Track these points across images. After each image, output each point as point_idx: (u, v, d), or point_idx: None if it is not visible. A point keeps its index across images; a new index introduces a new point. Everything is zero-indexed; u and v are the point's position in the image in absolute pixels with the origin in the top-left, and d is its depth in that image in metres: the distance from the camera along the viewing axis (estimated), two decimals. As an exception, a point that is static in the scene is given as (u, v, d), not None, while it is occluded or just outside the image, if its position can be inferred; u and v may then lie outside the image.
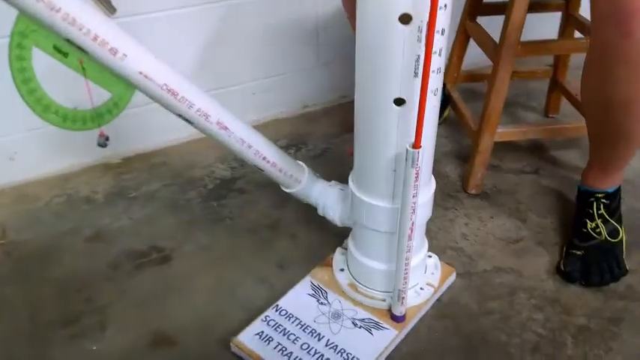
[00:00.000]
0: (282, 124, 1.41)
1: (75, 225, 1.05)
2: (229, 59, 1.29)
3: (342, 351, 0.78)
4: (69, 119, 0.57)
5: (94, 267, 0.96)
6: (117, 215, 1.08)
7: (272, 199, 1.12)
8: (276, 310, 0.85)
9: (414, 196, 0.69)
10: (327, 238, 1.02)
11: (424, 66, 0.60)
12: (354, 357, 0.78)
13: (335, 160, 1.25)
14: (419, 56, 0.63)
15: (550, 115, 1.37)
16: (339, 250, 0.95)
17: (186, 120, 0.70)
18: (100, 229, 1.05)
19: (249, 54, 1.31)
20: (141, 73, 0.61)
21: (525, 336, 0.83)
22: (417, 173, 0.67)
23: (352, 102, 0.73)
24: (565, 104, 1.35)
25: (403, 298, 0.80)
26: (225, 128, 0.74)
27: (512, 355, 0.80)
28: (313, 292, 0.88)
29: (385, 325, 0.82)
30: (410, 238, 0.73)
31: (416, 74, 0.65)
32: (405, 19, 0.61)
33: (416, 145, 0.66)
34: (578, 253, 0.93)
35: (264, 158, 0.81)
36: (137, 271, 0.95)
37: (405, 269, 0.77)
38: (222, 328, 0.84)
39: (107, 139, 0.63)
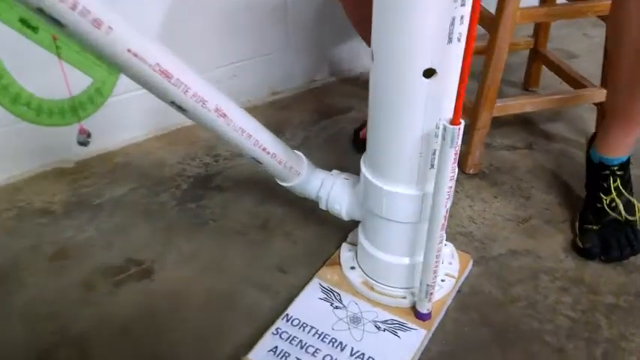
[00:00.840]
0: (252, 113, 1.26)
1: (34, 242, 0.90)
2: (189, 44, 1.16)
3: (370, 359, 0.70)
4: (44, 112, 0.45)
5: (65, 289, 0.82)
6: (81, 227, 0.94)
7: (256, 196, 1.01)
8: (287, 320, 0.75)
9: (450, 180, 0.61)
10: (326, 233, 0.92)
11: (470, 27, 0.52)
12: (384, 365, 0.69)
13: (318, 148, 1.15)
14: (454, 19, 0.55)
15: (530, 89, 1.33)
16: (345, 246, 0.86)
17: (179, 108, 0.59)
18: (65, 244, 0.90)
19: (211, 38, 1.19)
20: (130, 51, 0.49)
21: (558, 321, 0.78)
22: (457, 154, 0.59)
23: (322, 86, 0.65)
24: (544, 77, 1.32)
25: (431, 293, 0.72)
26: (224, 116, 0.63)
27: (549, 343, 0.75)
28: (325, 296, 0.79)
29: (411, 325, 0.74)
30: (443, 227, 0.65)
31: (450, 40, 0.56)
32: (440, -26, 0.53)
33: (455, 121, 0.57)
34: (594, 227, 0.88)
35: (264, 149, 0.71)
36: (117, 289, 0.82)
37: (436, 262, 0.69)
38: (228, 347, 0.73)
39: (89, 135, 0.51)
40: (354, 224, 0.84)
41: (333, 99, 1.33)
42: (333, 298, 0.78)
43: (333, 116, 1.26)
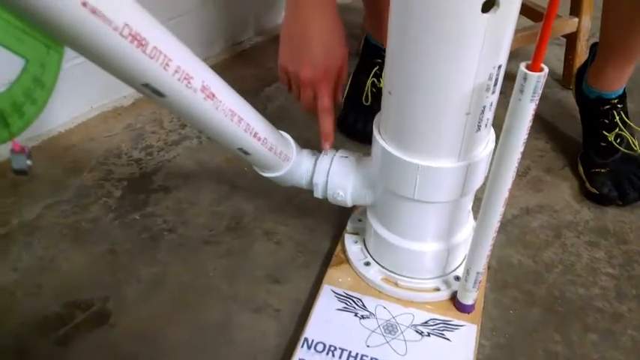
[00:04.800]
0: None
1: None
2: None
3: (427, 376, 0.56)
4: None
5: (-11, 365, 0.59)
6: (-10, 270, 0.70)
7: (215, 191, 0.82)
8: (309, 347, 0.59)
9: (523, 144, 0.48)
10: (314, 224, 0.76)
11: None
12: (445, 380, 0.56)
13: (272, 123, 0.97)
14: None
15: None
16: (349, 238, 0.70)
17: (154, 92, 0.39)
18: (-28, 299, 0.66)
19: None
20: (85, 4, 0.29)
21: (601, 282, 0.69)
22: (535, 109, 0.46)
23: (251, 49, 0.50)
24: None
25: (481, 282, 0.59)
26: (212, 96, 0.44)
27: (602, 309, 0.66)
28: (344, 305, 0.63)
29: (458, 322, 0.61)
30: (505, 203, 0.52)
31: (519, -45, 0.42)
32: None
33: (536, 65, 0.43)
34: (603, 170, 0.80)
35: (255, 134, 0.53)
36: (64, 348, 0.61)
37: (492, 245, 0.56)
38: (243, 398, 0.56)
39: (30, 155, 0.30)
40: (345, 209, 0.69)
41: (268, 62, 1.14)
42: (355, 305, 0.63)
43: (274, 82, 1.08)
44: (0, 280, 0.68)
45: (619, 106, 0.82)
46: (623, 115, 0.81)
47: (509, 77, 0.50)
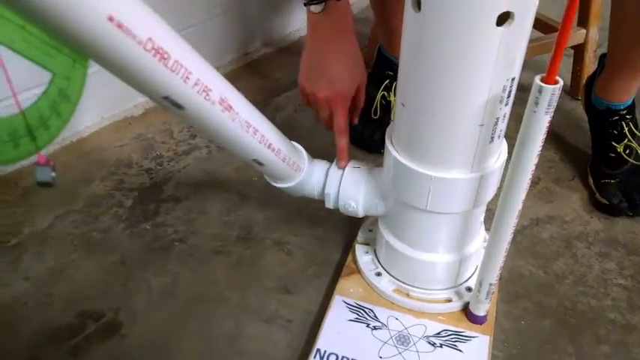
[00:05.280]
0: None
1: (-63, 315, 0.66)
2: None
3: (440, 388, 0.56)
4: (-12, 143, 0.25)
5: (2, 375, 0.59)
6: (3, 280, 0.70)
7: (225, 200, 0.82)
8: (321, 358, 0.59)
9: (537, 156, 0.48)
10: (324, 234, 0.76)
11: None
12: (459, 391, 0.56)
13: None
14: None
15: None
16: (360, 248, 0.70)
17: (174, 104, 0.39)
18: (-16, 309, 0.66)
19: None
20: (112, 19, 0.29)
21: (613, 294, 0.69)
22: (551, 121, 0.46)
23: (259, 59, 0.51)
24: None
25: (493, 293, 0.59)
26: (229, 108, 0.44)
27: (614, 321, 0.65)
28: (356, 316, 0.63)
29: (470, 333, 0.61)
30: (519, 214, 0.52)
31: (534, -30, 0.42)
32: None
33: (550, 78, 0.43)
34: (613, 181, 0.80)
35: (269, 146, 0.53)
36: (76, 359, 0.61)
37: (505, 256, 0.56)
38: (256, 410, 0.56)
39: (54, 168, 0.31)
40: (355, 219, 0.70)
41: (275, 72, 1.15)
42: (367, 316, 0.63)
43: (282, 92, 1.08)
44: (12, 290, 0.69)
45: (628, 117, 0.82)
46: (632, 126, 0.81)
47: (519, 88, 0.51)
